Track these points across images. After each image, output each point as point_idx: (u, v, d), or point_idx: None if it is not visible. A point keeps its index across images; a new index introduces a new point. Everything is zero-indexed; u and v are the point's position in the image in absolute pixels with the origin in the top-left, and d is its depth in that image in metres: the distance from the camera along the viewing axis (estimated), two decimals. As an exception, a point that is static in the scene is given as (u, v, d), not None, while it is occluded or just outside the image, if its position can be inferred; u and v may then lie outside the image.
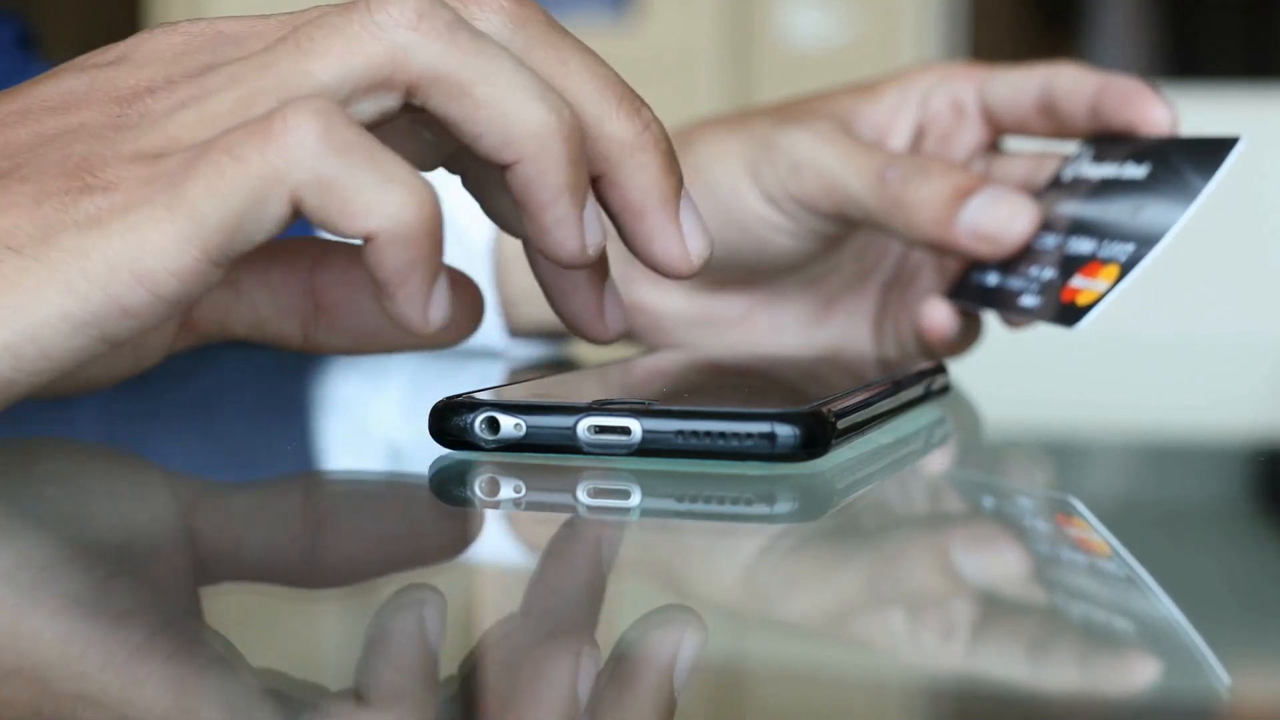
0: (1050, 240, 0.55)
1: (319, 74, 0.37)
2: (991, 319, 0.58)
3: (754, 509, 0.38)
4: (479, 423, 0.40)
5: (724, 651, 0.30)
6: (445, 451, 0.41)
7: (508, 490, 0.40)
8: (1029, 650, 0.29)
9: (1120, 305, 0.51)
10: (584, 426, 0.39)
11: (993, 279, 0.56)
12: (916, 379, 0.48)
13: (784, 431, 0.38)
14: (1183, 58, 2.51)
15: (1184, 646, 0.29)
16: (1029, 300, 0.54)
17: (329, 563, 0.35)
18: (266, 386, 0.61)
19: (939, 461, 0.47)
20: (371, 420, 0.57)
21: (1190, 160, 0.53)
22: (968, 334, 0.59)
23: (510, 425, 0.40)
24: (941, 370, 0.50)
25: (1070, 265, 0.53)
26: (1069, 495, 0.46)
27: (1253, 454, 0.57)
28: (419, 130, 0.38)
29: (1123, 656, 0.29)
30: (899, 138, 0.60)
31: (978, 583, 0.35)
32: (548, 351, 0.68)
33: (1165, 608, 0.32)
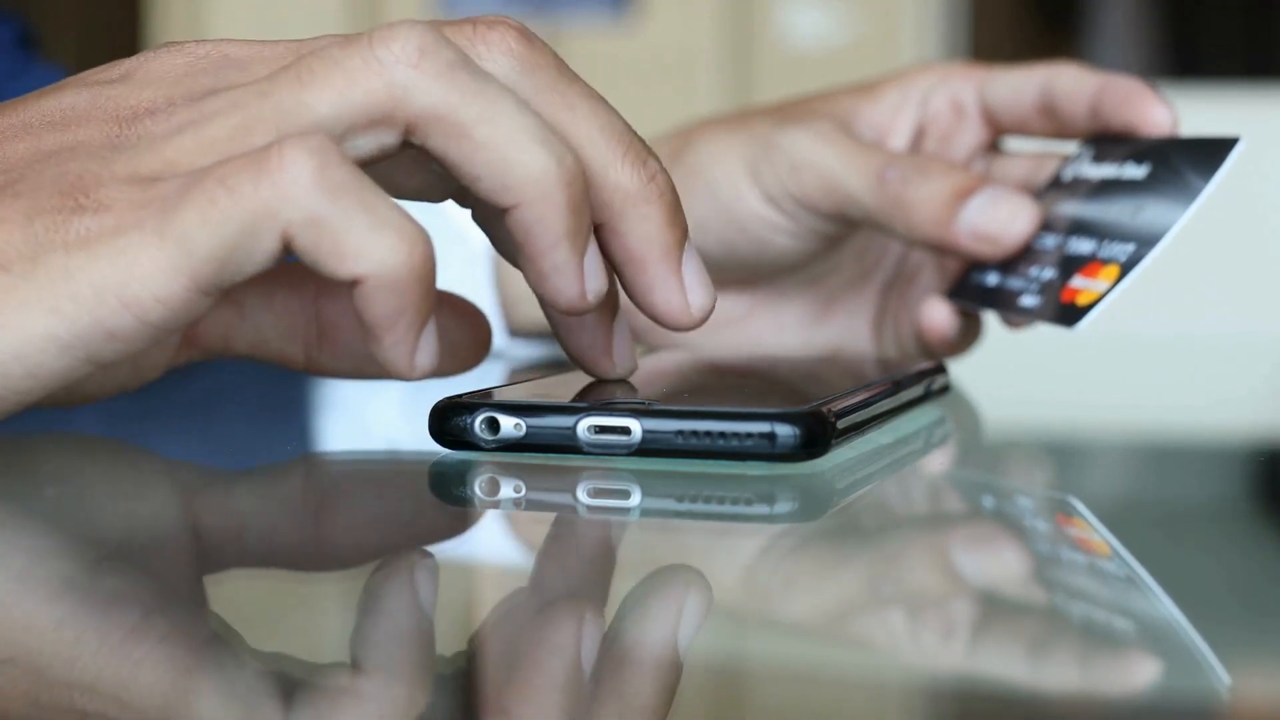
0: (1050, 240, 0.55)
1: (317, 106, 0.36)
2: (991, 319, 0.58)
3: (754, 509, 0.38)
4: (479, 423, 0.40)
5: (724, 651, 0.30)
6: (445, 451, 0.41)
7: (508, 490, 0.40)
8: (1029, 650, 0.29)
9: (1120, 305, 0.51)
10: (584, 426, 0.39)
11: (993, 279, 0.56)
12: (916, 379, 0.48)
13: (784, 431, 0.38)
14: (1183, 58, 2.51)
15: (1184, 646, 0.29)
16: (1029, 300, 0.54)
17: (323, 561, 0.35)
18: (266, 386, 0.61)
19: (939, 461, 0.47)
20: (371, 420, 0.57)
21: (1190, 160, 0.53)
22: (968, 334, 0.59)
23: (510, 425, 0.40)
24: (941, 370, 0.50)
25: (1070, 265, 0.53)
26: (1069, 495, 0.46)
27: (1253, 454, 0.57)
28: (428, 163, 0.38)
29: (1123, 656, 0.29)
30: (899, 138, 0.60)
31: (978, 583, 0.35)
32: (548, 351, 0.68)
33: (1165, 608, 0.32)
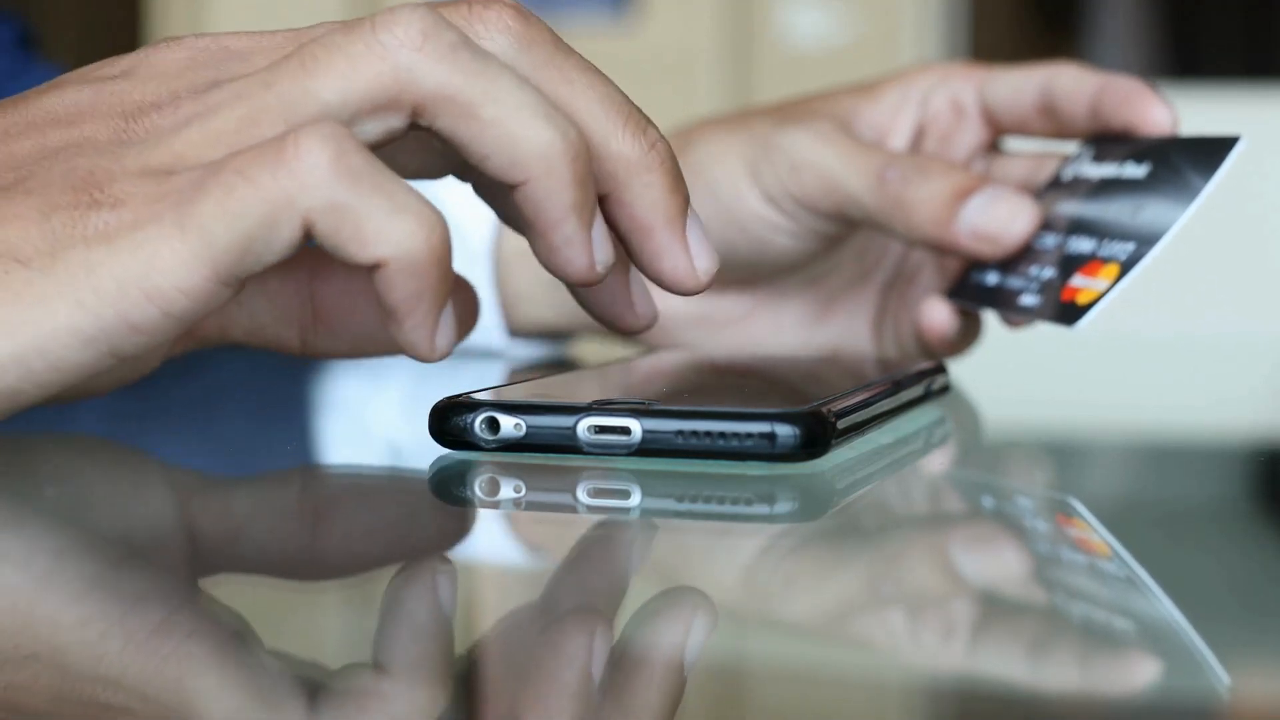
0: (1050, 240, 0.55)
1: (322, 93, 0.37)
2: (991, 319, 0.58)
3: (754, 509, 0.38)
4: (479, 423, 0.40)
5: (724, 651, 0.30)
6: (445, 451, 0.41)
7: (508, 490, 0.40)
8: (1029, 650, 0.29)
9: (1120, 305, 0.51)
10: (584, 426, 0.39)
11: (992, 278, 0.56)
12: (916, 379, 0.48)
13: (784, 431, 0.38)
14: (1183, 58, 2.51)
15: (1184, 646, 0.29)
16: (1029, 300, 0.54)
17: (328, 561, 0.35)
18: (266, 386, 0.61)
19: (939, 461, 0.47)
20: (371, 420, 0.57)
21: (1190, 160, 0.53)
22: (968, 334, 0.59)
23: (510, 425, 0.40)
24: (941, 370, 0.50)
25: (1070, 264, 0.53)
26: (1069, 495, 0.46)
27: (1253, 454, 0.57)
28: (429, 141, 0.39)
29: (1123, 656, 0.29)
30: (899, 138, 0.60)
31: (978, 583, 0.35)
32: (548, 351, 0.68)
33: (1165, 608, 0.32)
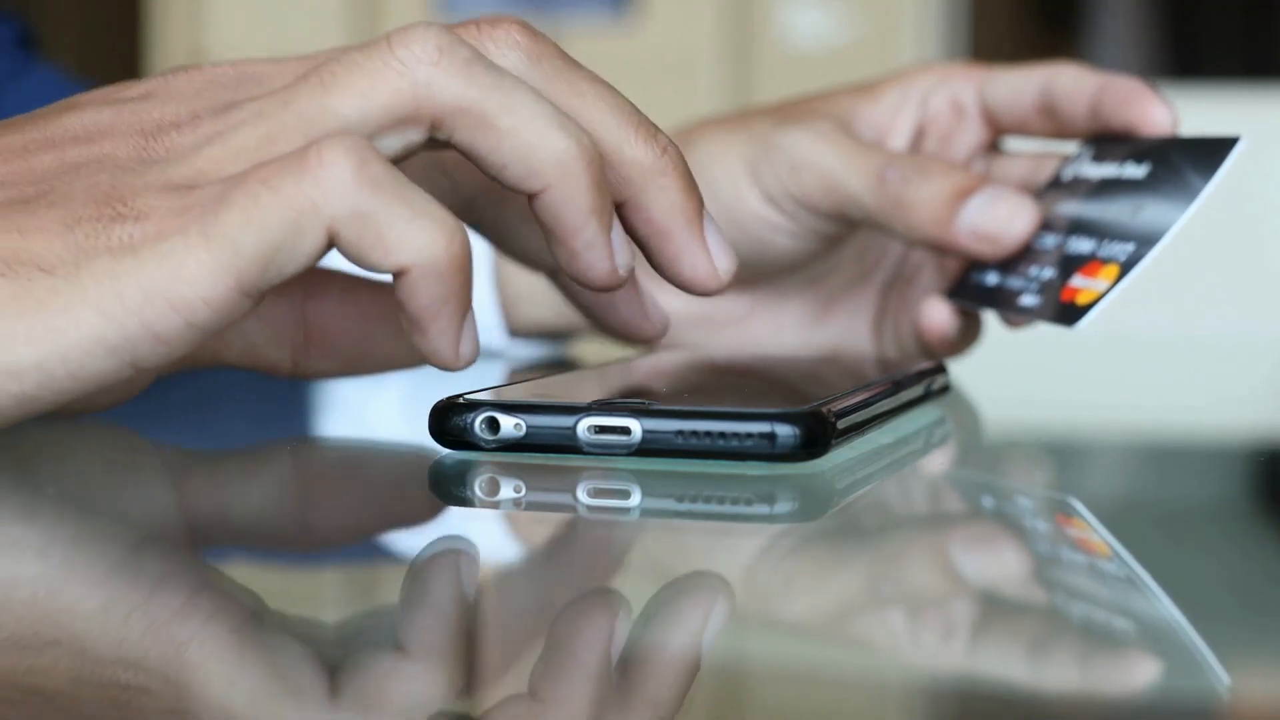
0: (1050, 240, 0.55)
1: (342, 109, 0.37)
2: (991, 319, 0.58)
3: (754, 509, 0.38)
4: (479, 423, 0.40)
5: (724, 651, 0.30)
6: (445, 451, 0.41)
7: (508, 490, 0.40)
8: (1029, 650, 0.29)
9: (1120, 305, 0.51)
10: (584, 426, 0.39)
11: (992, 279, 0.56)
12: (916, 379, 0.48)
13: (784, 431, 0.38)
14: (1183, 58, 2.51)
15: (1184, 646, 0.29)
16: (1029, 300, 0.54)
17: (333, 547, 0.36)
18: (266, 386, 0.61)
19: (939, 461, 0.47)
20: (371, 420, 0.57)
21: (1190, 160, 0.53)
22: (968, 334, 0.59)
23: (510, 425, 0.40)
24: (941, 370, 0.50)
25: (1070, 265, 0.53)
26: (1069, 495, 0.46)
27: (1253, 454, 0.57)
28: (435, 177, 0.39)
29: (1123, 656, 0.29)
30: (899, 138, 0.60)
31: (978, 583, 0.35)
32: (548, 351, 0.68)
33: (1165, 608, 0.32)
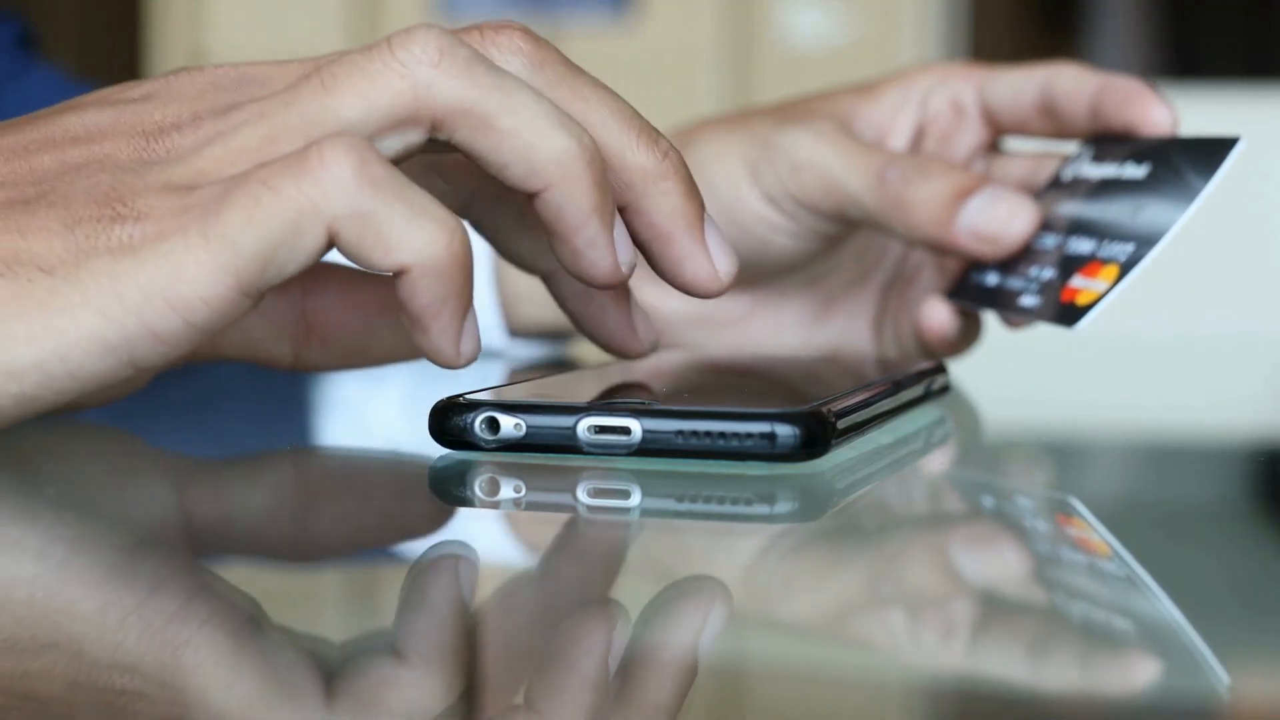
0: (1050, 240, 0.55)
1: (343, 111, 0.37)
2: (991, 319, 0.58)
3: (754, 509, 0.38)
4: (479, 423, 0.40)
5: (724, 652, 0.30)
6: (445, 451, 0.41)
7: (508, 490, 0.40)
8: (1029, 650, 0.29)
9: (1120, 305, 0.51)
10: (584, 426, 0.39)
11: (992, 279, 0.56)
12: (916, 379, 0.48)
13: (784, 431, 0.38)
14: (1183, 58, 2.51)
15: (1184, 646, 0.29)
16: (1029, 300, 0.54)
17: (331, 551, 0.36)
18: (266, 386, 0.61)
19: (939, 461, 0.47)
20: (371, 420, 0.57)
21: (1190, 160, 0.53)
22: (967, 334, 0.59)
23: (510, 425, 0.40)
24: (941, 370, 0.50)
25: (1070, 265, 0.53)
26: (1069, 495, 0.46)
27: (1253, 454, 0.57)
28: (433, 179, 0.39)
29: (1123, 656, 0.29)
30: (899, 138, 0.60)
31: (978, 583, 0.35)
32: (548, 351, 0.68)
33: (1165, 608, 0.32)
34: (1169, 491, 0.49)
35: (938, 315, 0.58)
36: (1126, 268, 0.51)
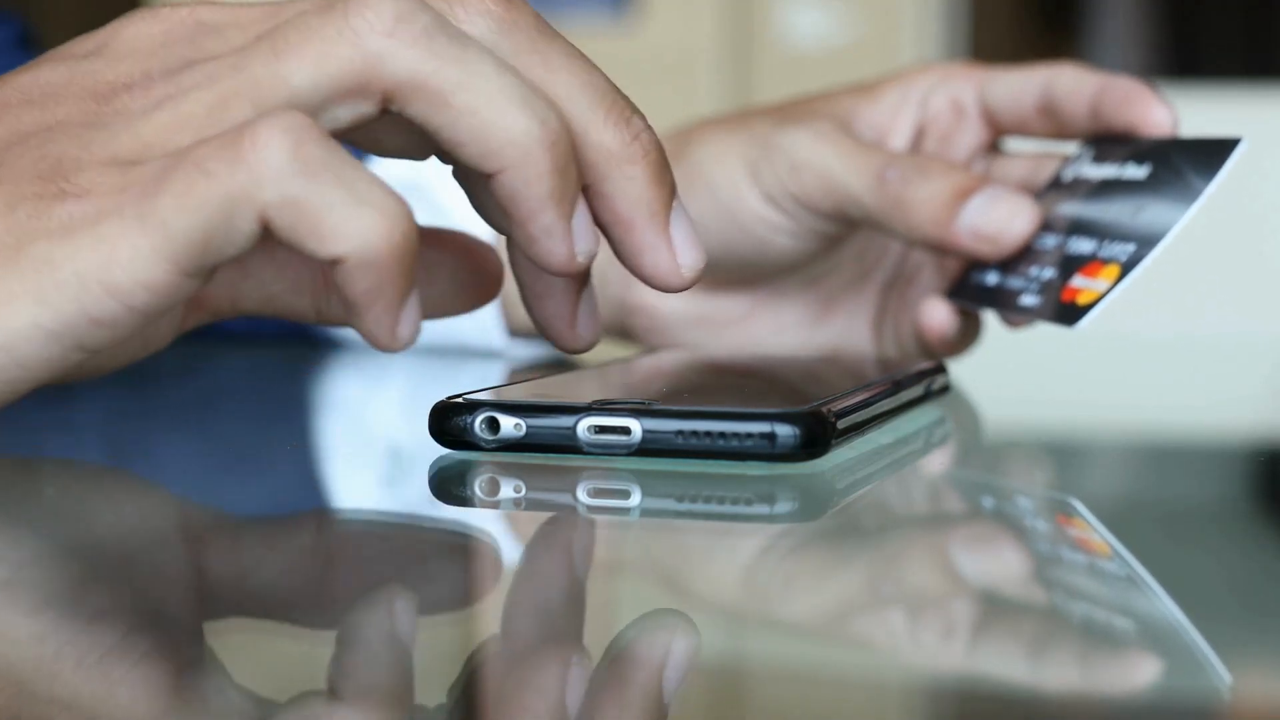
0: (1050, 240, 0.55)
1: (293, 78, 0.36)
2: (991, 319, 0.58)
3: (754, 509, 0.38)
4: (479, 423, 0.40)
5: (724, 652, 0.30)
6: (445, 451, 0.41)
7: (508, 490, 0.40)
8: (1029, 650, 0.29)
9: (1120, 305, 0.51)
10: (584, 426, 0.39)
11: (992, 279, 0.56)
12: (916, 379, 0.48)
13: (784, 431, 0.38)
14: (1183, 58, 2.51)
15: (1184, 646, 0.29)
16: (1029, 300, 0.54)
17: (324, 559, 0.36)
18: (266, 387, 0.61)
19: (939, 461, 0.47)
20: (371, 420, 0.57)
21: (1191, 161, 0.53)
22: (967, 334, 0.59)
23: (510, 425, 0.40)
24: (941, 370, 0.50)
25: (1070, 265, 0.53)
26: (1069, 495, 0.46)
27: (1253, 454, 0.57)
28: (409, 123, 0.38)
29: (1123, 656, 0.29)
30: (899, 138, 0.60)
31: (978, 583, 0.35)
32: (548, 351, 0.68)
33: (1165, 608, 0.32)
34: (1169, 491, 0.49)
35: (938, 315, 0.58)
36: (1128, 268, 0.51)
